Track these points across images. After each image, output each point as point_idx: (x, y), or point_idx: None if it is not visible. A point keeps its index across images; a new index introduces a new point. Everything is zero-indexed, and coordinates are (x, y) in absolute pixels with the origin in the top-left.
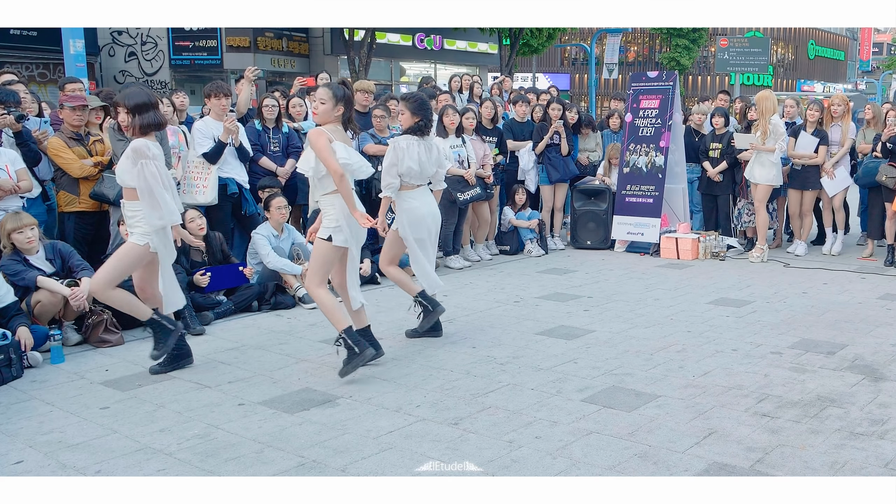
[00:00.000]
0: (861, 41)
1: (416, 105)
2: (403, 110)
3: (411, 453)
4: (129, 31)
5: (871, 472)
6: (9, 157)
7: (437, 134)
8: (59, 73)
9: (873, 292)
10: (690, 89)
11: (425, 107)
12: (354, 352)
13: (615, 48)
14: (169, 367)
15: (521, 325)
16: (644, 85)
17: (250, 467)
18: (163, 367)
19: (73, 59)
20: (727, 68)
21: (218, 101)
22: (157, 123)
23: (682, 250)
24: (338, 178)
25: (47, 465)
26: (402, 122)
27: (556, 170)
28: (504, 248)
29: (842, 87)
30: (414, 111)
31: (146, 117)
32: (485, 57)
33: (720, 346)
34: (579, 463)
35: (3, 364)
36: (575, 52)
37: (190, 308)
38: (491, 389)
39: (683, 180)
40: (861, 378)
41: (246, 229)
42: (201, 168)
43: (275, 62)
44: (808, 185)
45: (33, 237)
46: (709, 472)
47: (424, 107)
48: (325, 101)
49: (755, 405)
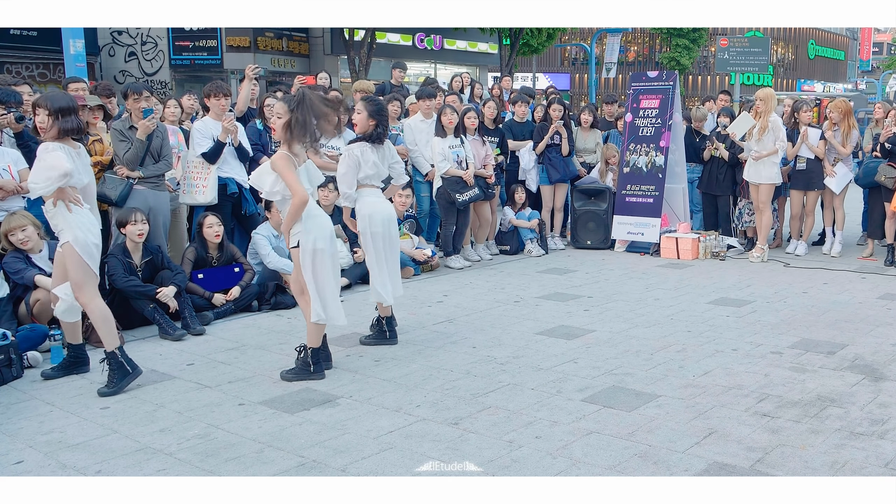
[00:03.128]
0: (861, 41)
1: (374, 108)
2: (361, 110)
3: (411, 453)
4: (129, 31)
5: (871, 472)
6: (11, 157)
7: (435, 133)
8: (59, 73)
9: (873, 292)
10: (690, 89)
11: (383, 113)
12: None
13: (615, 48)
14: (63, 373)
15: (521, 325)
16: (644, 85)
17: (250, 467)
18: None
19: (73, 59)
20: (727, 68)
21: (217, 101)
22: (77, 129)
23: (683, 250)
24: (300, 204)
25: (47, 465)
26: (356, 122)
27: (557, 170)
28: (504, 248)
29: (842, 87)
30: (371, 114)
31: (67, 121)
32: (485, 57)
33: (720, 346)
34: (579, 463)
35: (3, 364)
36: (575, 52)
37: (190, 308)
38: (491, 389)
39: (683, 180)
40: (861, 378)
41: (246, 229)
42: (201, 168)
43: (275, 62)
44: (813, 186)
45: (26, 238)
46: (709, 472)
47: (382, 112)
48: (281, 116)
49: (755, 405)
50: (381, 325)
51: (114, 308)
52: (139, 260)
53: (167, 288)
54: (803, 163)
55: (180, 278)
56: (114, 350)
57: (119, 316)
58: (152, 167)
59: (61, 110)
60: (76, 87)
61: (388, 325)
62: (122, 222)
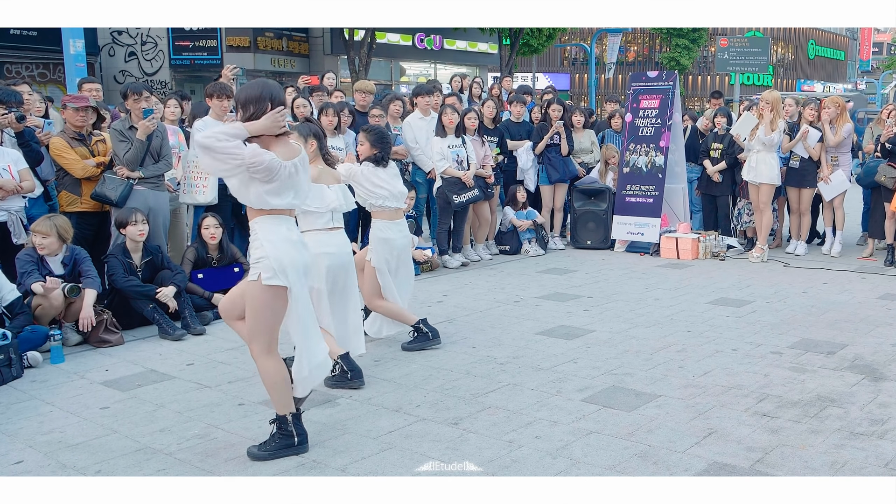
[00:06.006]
0: (861, 41)
1: (375, 137)
2: (363, 141)
3: (411, 453)
4: (129, 31)
5: (871, 472)
6: (11, 157)
7: (436, 133)
8: (59, 73)
9: (873, 292)
10: (690, 89)
11: (385, 140)
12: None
13: (615, 48)
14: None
15: (521, 325)
16: (644, 85)
17: (250, 467)
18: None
19: (73, 59)
20: (727, 68)
21: (219, 102)
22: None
23: (682, 250)
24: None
25: (47, 465)
26: (360, 153)
27: (556, 170)
28: (504, 248)
29: (842, 87)
30: (373, 143)
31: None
32: (485, 57)
33: (720, 346)
34: (579, 463)
35: (3, 364)
36: (575, 52)
37: (190, 308)
38: (491, 389)
39: (683, 180)
40: (861, 378)
41: (246, 229)
42: (201, 168)
43: (275, 62)
44: (806, 183)
45: (42, 245)
46: (709, 472)
47: (384, 140)
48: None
49: (755, 405)
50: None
51: (114, 308)
52: (139, 260)
53: (167, 288)
54: (797, 161)
55: (180, 278)
56: (285, 415)
57: (119, 316)
58: (152, 167)
59: None
60: (90, 87)
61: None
62: (122, 223)
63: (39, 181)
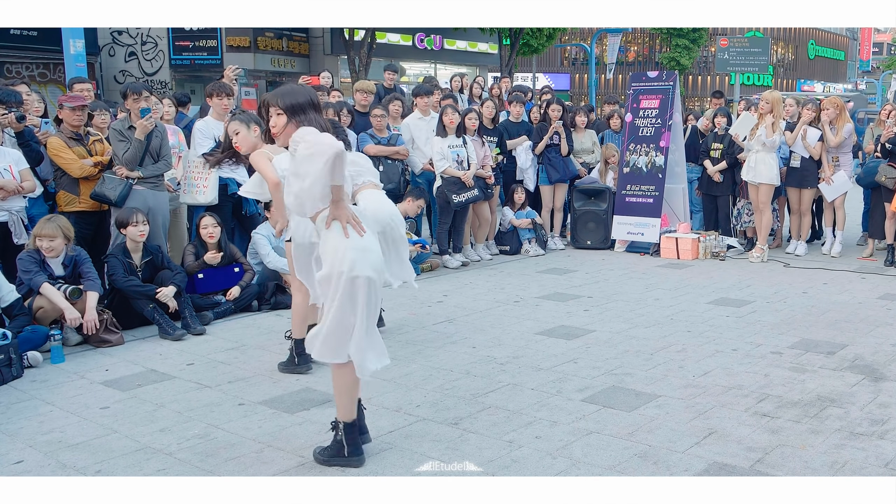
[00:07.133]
0: (861, 41)
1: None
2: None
3: (411, 453)
4: (129, 31)
5: (871, 472)
6: (12, 157)
7: (436, 133)
8: (59, 73)
9: (873, 292)
10: (690, 89)
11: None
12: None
13: (615, 48)
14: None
15: (521, 325)
16: (644, 85)
17: (250, 467)
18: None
19: (73, 59)
20: (727, 68)
21: (220, 101)
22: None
23: (682, 250)
24: (273, 186)
25: (47, 465)
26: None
27: (556, 170)
28: (504, 248)
29: (842, 87)
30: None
31: None
32: (485, 57)
33: (720, 346)
34: (579, 463)
35: (3, 364)
36: (575, 52)
37: (190, 308)
38: (491, 389)
39: (683, 180)
40: (861, 378)
41: (246, 229)
42: (201, 168)
43: (275, 62)
44: (807, 184)
45: (50, 248)
46: (709, 472)
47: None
48: (238, 132)
49: (755, 405)
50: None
51: (114, 308)
52: (139, 260)
53: (167, 288)
54: (797, 160)
55: (180, 278)
56: (343, 422)
57: (119, 316)
58: (152, 167)
59: None
60: (81, 87)
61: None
62: (122, 223)
63: (39, 181)
